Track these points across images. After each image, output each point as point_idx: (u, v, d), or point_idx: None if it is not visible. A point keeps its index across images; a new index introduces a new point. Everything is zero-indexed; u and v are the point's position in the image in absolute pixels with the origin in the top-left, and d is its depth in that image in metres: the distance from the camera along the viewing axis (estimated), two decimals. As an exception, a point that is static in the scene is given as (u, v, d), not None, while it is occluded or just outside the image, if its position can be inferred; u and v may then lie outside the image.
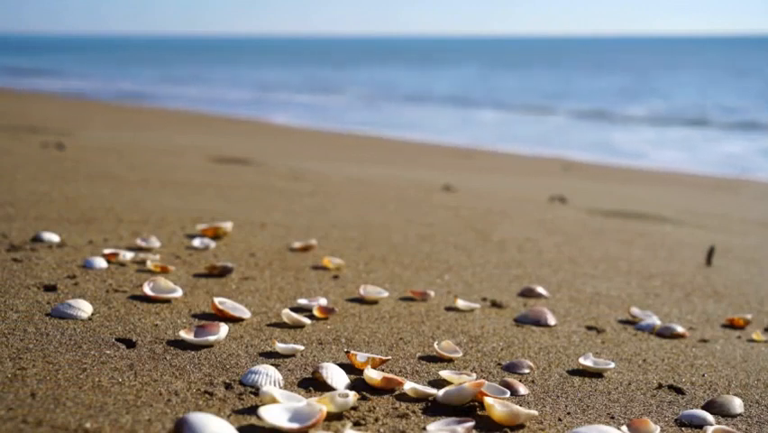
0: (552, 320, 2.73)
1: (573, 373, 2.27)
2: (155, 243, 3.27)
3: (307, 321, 2.47)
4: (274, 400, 1.77)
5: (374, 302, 2.80)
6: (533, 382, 2.18)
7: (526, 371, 2.24)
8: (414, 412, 1.87)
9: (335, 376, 1.99)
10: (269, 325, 2.44)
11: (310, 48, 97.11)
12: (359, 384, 2.00)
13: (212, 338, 2.18)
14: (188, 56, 60.64)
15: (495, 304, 2.91)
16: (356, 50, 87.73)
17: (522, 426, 1.86)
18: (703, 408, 2.08)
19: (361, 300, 2.80)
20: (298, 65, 45.97)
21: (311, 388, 1.96)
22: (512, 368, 2.25)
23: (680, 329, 2.73)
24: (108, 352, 2.05)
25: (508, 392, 2.02)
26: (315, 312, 2.55)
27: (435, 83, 30.66)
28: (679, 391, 2.20)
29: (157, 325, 2.31)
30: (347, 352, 2.15)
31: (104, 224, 3.62)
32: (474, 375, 2.10)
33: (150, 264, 2.90)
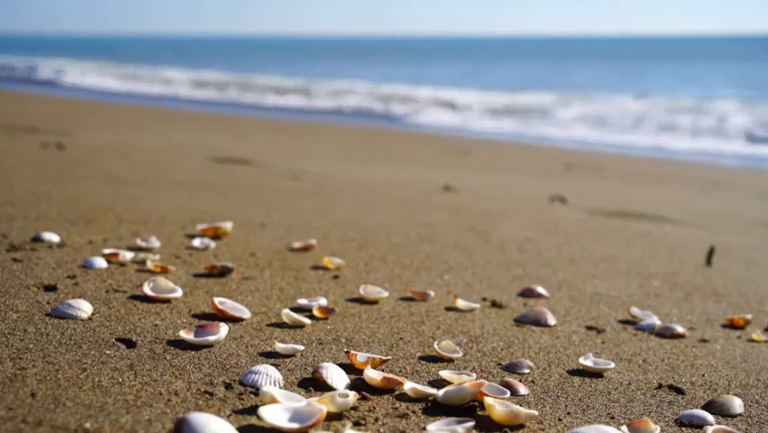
0: (552, 320, 2.74)
1: (573, 373, 2.27)
2: (155, 243, 3.27)
3: (307, 321, 2.47)
4: (274, 400, 1.77)
5: (374, 302, 2.80)
6: (533, 382, 2.18)
7: (526, 371, 2.24)
8: (414, 412, 1.87)
9: (335, 376, 1.99)
10: (269, 325, 2.44)
11: (305, 47, 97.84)
12: (359, 384, 2.00)
13: (212, 338, 2.18)
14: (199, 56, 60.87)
15: (495, 304, 2.91)
16: (351, 49, 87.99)
17: (522, 426, 1.86)
18: (703, 408, 2.08)
19: (361, 300, 2.80)
20: (300, 64, 46.05)
21: (311, 388, 1.96)
22: (512, 368, 2.25)
23: (680, 329, 2.73)
24: (108, 352, 2.05)
25: (508, 392, 2.02)
26: (315, 312, 2.55)
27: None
28: (679, 391, 2.20)
29: (157, 325, 2.32)
30: (347, 352, 2.15)
31: (104, 224, 3.62)
32: (474, 375, 2.11)
33: (150, 264, 2.90)
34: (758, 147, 13.43)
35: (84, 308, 2.33)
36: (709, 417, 1.99)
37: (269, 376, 1.95)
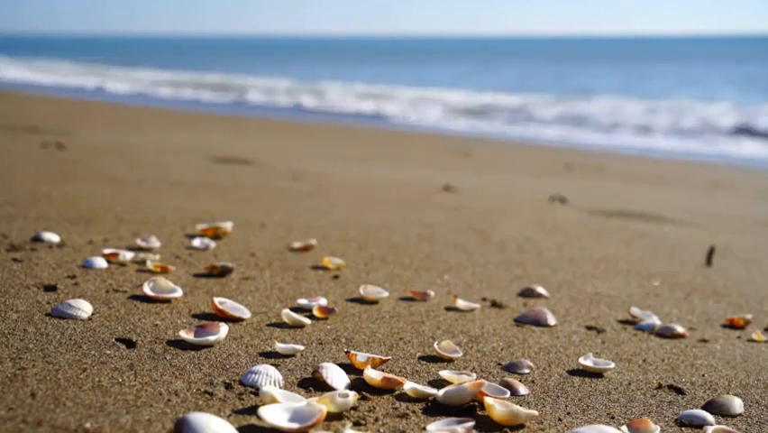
0: (552, 320, 2.74)
1: (573, 373, 2.27)
2: (155, 243, 3.27)
3: (307, 321, 2.47)
4: (274, 400, 1.77)
5: (374, 302, 2.80)
6: (533, 382, 2.18)
7: (526, 371, 2.24)
8: (414, 412, 1.87)
9: (335, 376, 1.99)
10: (269, 325, 2.44)
11: (305, 47, 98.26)
12: (359, 384, 2.00)
13: (212, 338, 2.18)
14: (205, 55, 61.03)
15: (495, 304, 2.91)
16: (351, 49, 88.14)
17: (522, 426, 1.86)
18: (703, 408, 2.08)
19: (361, 300, 2.80)
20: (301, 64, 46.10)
21: (311, 388, 1.96)
22: (512, 368, 2.25)
23: (680, 329, 2.73)
24: (108, 352, 2.05)
25: (508, 392, 2.02)
26: (315, 312, 2.55)
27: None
28: (679, 391, 2.20)
29: (157, 325, 2.32)
30: (347, 352, 2.15)
31: (104, 224, 3.62)
32: (474, 375, 2.11)
33: (150, 264, 2.90)
34: (749, 146, 13.52)
35: (84, 308, 2.33)
36: (709, 417, 1.99)
37: (269, 376, 1.95)
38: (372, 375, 1.98)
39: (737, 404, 2.10)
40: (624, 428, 1.86)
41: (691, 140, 14.54)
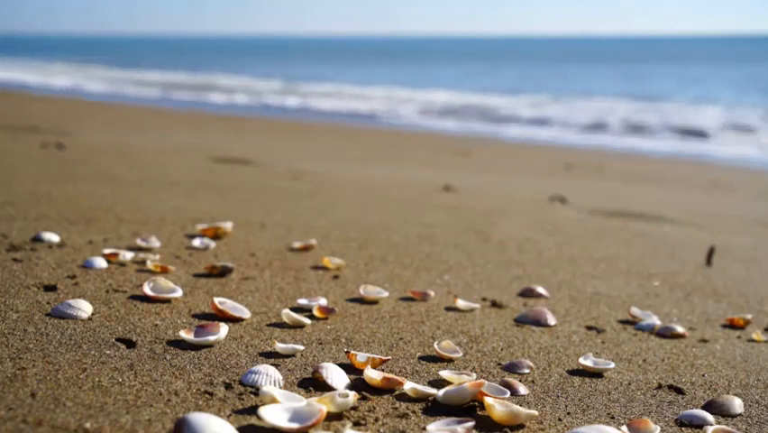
0: (552, 320, 2.74)
1: (573, 373, 2.27)
2: (155, 243, 3.27)
3: (307, 321, 2.47)
4: (274, 400, 1.77)
5: (374, 302, 2.80)
6: (533, 382, 2.18)
7: (526, 371, 2.24)
8: (414, 412, 1.87)
9: (335, 376, 1.99)
10: (269, 325, 2.44)
11: (305, 47, 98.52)
12: (359, 384, 2.00)
13: (212, 338, 2.18)
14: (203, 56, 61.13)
15: (495, 304, 2.91)
16: (350, 50, 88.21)
17: (522, 426, 1.86)
18: (703, 408, 2.08)
19: (361, 300, 2.80)
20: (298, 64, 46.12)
21: (311, 388, 1.96)
22: (512, 368, 2.25)
23: (680, 329, 2.73)
24: (108, 352, 2.05)
25: (508, 392, 2.02)
26: (315, 312, 2.55)
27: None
28: (679, 391, 2.20)
29: (157, 325, 2.32)
30: (347, 352, 2.15)
31: (104, 224, 3.62)
32: (474, 375, 2.11)
33: (150, 264, 2.90)
34: (749, 146, 13.52)
35: (84, 308, 2.33)
36: (709, 417, 1.99)
37: (269, 376, 1.95)
38: (372, 375, 1.98)
39: (737, 404, 2.10)
40: (624, 428, 1.86)
41: (691, 140, 14.54)
